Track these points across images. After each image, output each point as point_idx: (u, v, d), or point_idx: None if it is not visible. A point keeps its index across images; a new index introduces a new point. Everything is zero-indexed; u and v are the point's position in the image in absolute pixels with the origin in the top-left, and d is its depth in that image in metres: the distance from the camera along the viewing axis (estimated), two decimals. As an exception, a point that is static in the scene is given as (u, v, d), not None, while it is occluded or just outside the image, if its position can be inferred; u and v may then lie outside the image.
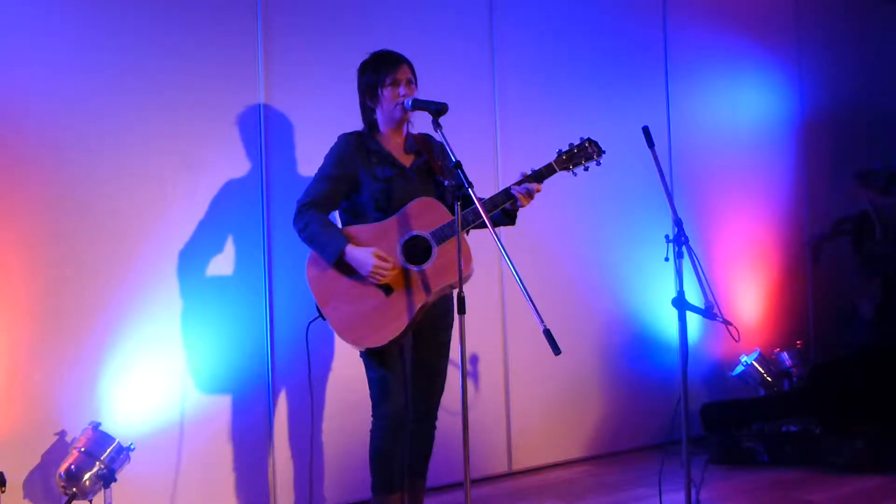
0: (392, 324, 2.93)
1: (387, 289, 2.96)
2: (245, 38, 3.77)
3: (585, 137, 3.09)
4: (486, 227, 2.79)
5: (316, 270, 3.01)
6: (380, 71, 3.05)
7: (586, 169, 3.08)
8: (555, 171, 3.04)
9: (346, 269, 2.97)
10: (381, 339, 2.93)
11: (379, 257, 2.92)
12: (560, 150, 3.08)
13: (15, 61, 3.32)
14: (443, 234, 2.94)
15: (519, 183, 2.99)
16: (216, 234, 3.66)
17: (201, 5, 3.68)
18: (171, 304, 3.56)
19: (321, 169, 3.09)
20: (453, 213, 2.80)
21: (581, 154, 3.06)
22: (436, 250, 2.95)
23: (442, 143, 3.16)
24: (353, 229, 3.02)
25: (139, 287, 3.49)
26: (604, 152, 3.09)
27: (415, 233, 2.97)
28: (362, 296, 2.96)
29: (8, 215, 3.28)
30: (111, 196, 3.47)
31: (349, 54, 3.84)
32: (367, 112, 3.13)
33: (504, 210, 3.04)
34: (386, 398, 3.02)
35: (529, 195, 2.99)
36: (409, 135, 3.15)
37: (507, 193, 2.99)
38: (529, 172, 3.02)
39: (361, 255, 2.92)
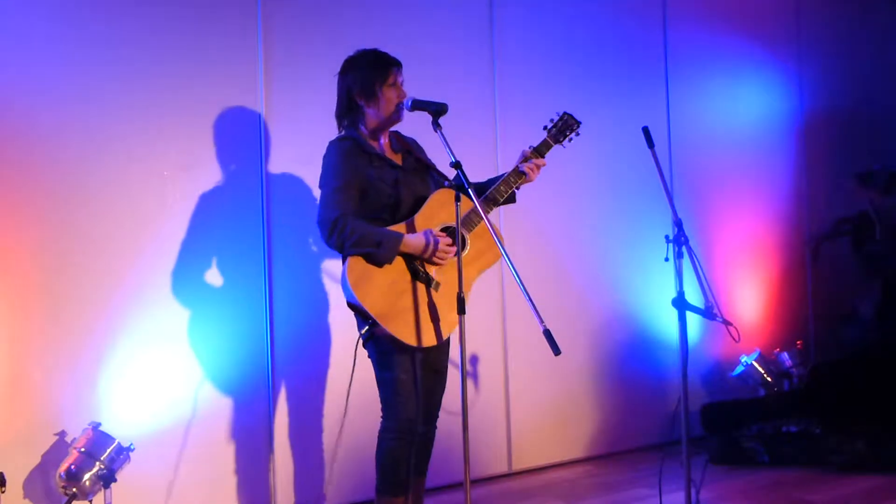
0: (448, 316, 2.94)
1: (435, 284, 2.96)
2: (245, 39, 3.77)
3: (562, 111, 3.23)
4: (505, 204, 3.14)
5: (358, 279, 2.87)
6: (380, 70, 3.03)
7: (570, 140, 3.24)
8: (550, 145, 3.20)
9: (393, 271, 2.91)
10: (441, 334, 2.94)
11: (439, 235, 2.94)
12: (546, 127, 3.22)
13: (15, 62, 3.32)
14: (471, 222, 3.03)
15: (525, 160, 3.14)
16: (216, 235, 3.66)
17: (202, 6, 3.68)
18: (171, 304, 3.56)
19: (332, 180, 2.97)
20: (481, 198, 3.01)
21: (565, 126, 3.22)
22: (468, 238, 3.02)
23: (414, 139, 3.24)
24: (395, 228, 2.98)
25: (139, 287, 3.49)
26: (580, 123, 3.22)
27: (447, 224, 3.01)
28: (415, 294, 2.93)
29: (8, 216, 3.28)
30: (111, 196, 3.47)
31: (349, 53, 3.85)
32: (354, 110, 3.07)
33: (508, 191, 3.15)
34: (399, 401, 2.96)
35: (537, 168, 3.15)
36: (391, 134, 3.16)
37: (517, 172, 3.12)
38: (529, 150, 3.16)
39: (419, 238, 2.92)
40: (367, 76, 3.03)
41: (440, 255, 2.93)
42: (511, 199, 3.21)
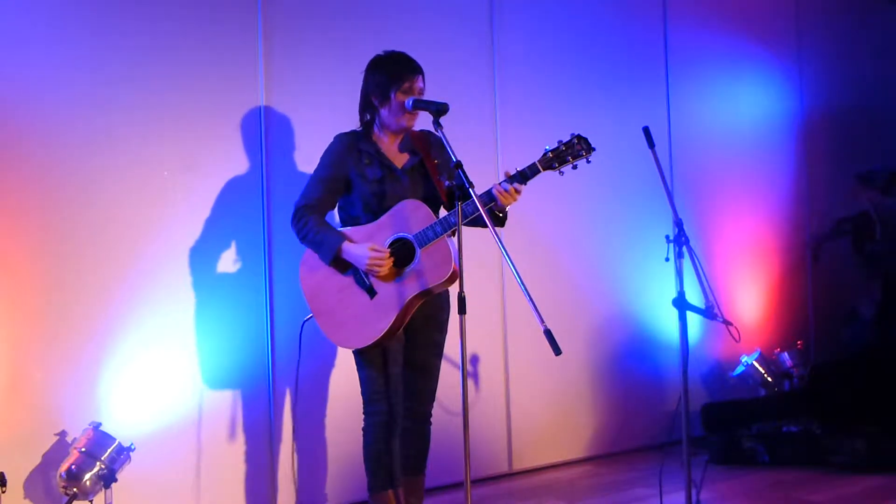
0: (376, 325, 2.95)
1: (371, 291, 2.98)
2: (245, 39, 3.77)
3: (575, 134, 2.93)
4: (479, 225, 2.91)
5: (307, 271, 3.07)
6: (397, 74, 3.01)
7: (575, 167, 2.94)
8: (539, 171, 2.92)
9: (338, 269, 3.01)
10: (364, 339, 2.96)
11: (374, 249, 2.93)
12: (547, 149, 2.94)
13: (15, 62, 3.31)
14: (426, 237, 2.93)
15: (500, 183, 2.92)
16: (217, 234, 3.66)
17: (202, 5, 3.68)
18: (172, 303, 3.55)
19: (315, 171, 3.12)
20: (450, 212, 2.90)
21: (568, 151, 2.92)
22: (419, 253, 2.95)
23: (441, 139, 3.15)
24: (345, 232, 3.05)
25: (140, 287, 3.49)
26: (594, 149, 2.93)
27: (399, 235, 2.98)
28: (349, 297, 2.99)
29: (9, 216, 3.28)
30: (111, 196, 3.46)
31: (349, 54, 3.85)
32: (369, 108, 3.10)
33: (491, 211, 2.95)
34: (376, 396, 3.05)
35: (510, 194, 2.88)
36: (406, 133, 3.14)
37: (488, 194, 2.92)
38: (513, 172, 2.93)
39: (357, 249, 2.96)
40: (384, 78, 3.03)
41: (370, 268, 2.93)
42: (496, 221, 2.98)
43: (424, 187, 3.09)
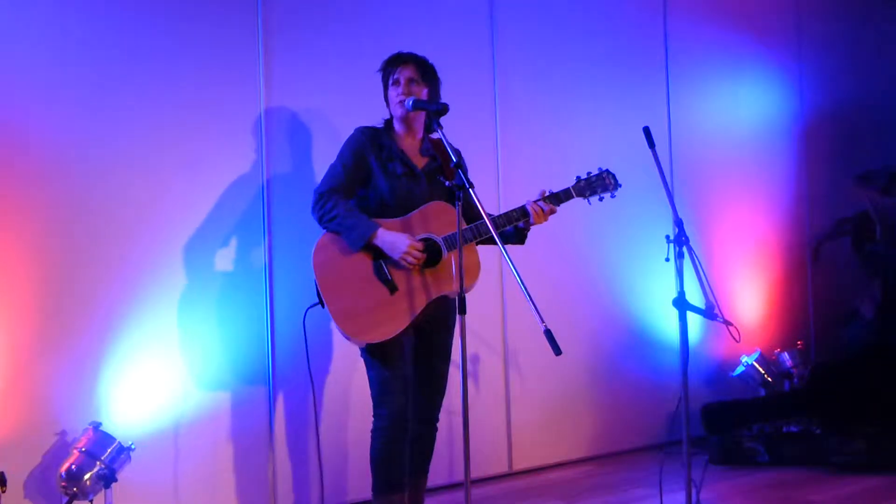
0: (392, 322, 2.95)
1: (392, 287, 2.97)
2: (246, 37, 3.77)
3: (605, 169, 3.19)
4: (495, 243, 2.86)
5: (324, 257, 2.99)
6: (385, 71, 3.16)
7: (601, 199, 3.19)
8: (572, 197, 3.15)
9: (358, 259, 2.98)
10: (379, 335, 2.95)
11: (413, 243, 2.95)
12: (579, 177, 3.16)
13: (14, 61, 3.31)
14: (454, 242, 2.99)
15: (536, 201, 3.08)
16: (217, 233, 3.66)
17: (202, 5, 3.68)
18: (172, 303, 3.55)
19: (338, 158, 3.12)
20: (480, 221, 2.95)
21: (598, 184, 3.17)
22: (445, 256, 3.00)
23: (458, 151, 3.20)
24: (376, 221, 3.04)
25: (139, 287, 3.49)
26: (620, 185, 3.18)
27: (428, 235, 3.01)
28: (367, 289, 2.97)
29: (8, 215, 3.28)
30: (111, 195, 3.46)
31: (349, 53, 3.85)
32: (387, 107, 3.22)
33: (516, 228, 3.14)
34: (386, 398, 3.03)
35: (544, 214, 3.08)
36: (425, 137, 3.19)
37: (522, 210, 3.08)
38: (548, 193, 3.10)
39: (394, 237, 2.94)
40: (381, 80, 3.19)
41: (406, 256, 2.93)
42: (517, 238, 3.19)
43: (442, 190, 3.13)
